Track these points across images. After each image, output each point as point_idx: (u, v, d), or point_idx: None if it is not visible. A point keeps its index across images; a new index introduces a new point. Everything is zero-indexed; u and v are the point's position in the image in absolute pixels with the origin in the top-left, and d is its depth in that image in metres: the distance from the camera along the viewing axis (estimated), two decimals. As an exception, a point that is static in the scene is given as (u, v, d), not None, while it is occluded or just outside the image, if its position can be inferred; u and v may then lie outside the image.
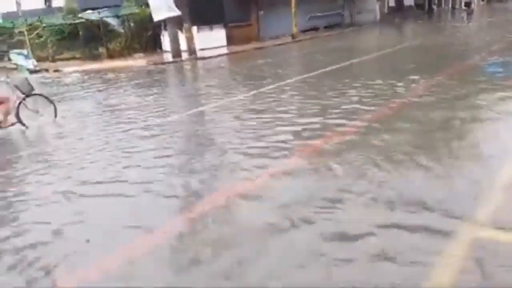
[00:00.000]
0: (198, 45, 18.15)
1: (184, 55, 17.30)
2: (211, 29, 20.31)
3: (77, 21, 20.57)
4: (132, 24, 20.31)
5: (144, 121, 7.01)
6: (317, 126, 5.75)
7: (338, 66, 11.37)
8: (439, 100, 6.52)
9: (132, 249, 3.02)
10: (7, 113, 6.92)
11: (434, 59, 11.52)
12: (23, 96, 7.21)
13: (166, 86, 11.93)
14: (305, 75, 10.40)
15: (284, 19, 22.99)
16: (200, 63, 16.19)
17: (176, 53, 17.07)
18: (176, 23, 17.07)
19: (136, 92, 10.32)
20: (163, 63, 16.71)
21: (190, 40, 17.45)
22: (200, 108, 7.88)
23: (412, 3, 38.96)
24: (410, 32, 22.78)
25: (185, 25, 17.25)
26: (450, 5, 44.51)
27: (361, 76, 9.26)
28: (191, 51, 17.43)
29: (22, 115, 7.12)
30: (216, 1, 20.25)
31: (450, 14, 36.97)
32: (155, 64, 16.50)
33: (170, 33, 17.22)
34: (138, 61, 17.45)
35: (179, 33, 17.46)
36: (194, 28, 18.36)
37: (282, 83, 9.54)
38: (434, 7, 40.27)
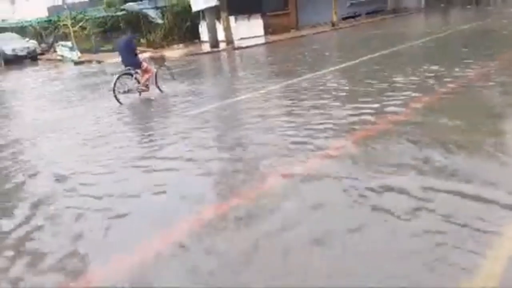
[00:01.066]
0: (235, 35, 18.01)
1: (222, 45, 17.23)
2: (249, 18, 20.08)
3: (118, 13, 20.99)
4: (170, 15, 20.46)
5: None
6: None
7: (385, 51, 10.86)
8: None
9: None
10: (150, 81, 8.80)
11: (486, 46, 10.74)
12: (157, 67, 9.08)
13: (202, 77, 11.85)
14: (344, 65, 10.01)
15: (324, 6, 22.36)
16: (237, 52, 16.06)
17: (214, 43, 17.04)
18: (214, 13, 17.01)
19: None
20: (201, 53, 16.74)
21: (227, 30, 17.34)
22: (248, 95, 7.74)
23: (460, -13, 36.75)
24: (458, 18, 21.47)
25: (223, 15, 17.15)
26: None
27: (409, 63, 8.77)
28: (229, 41, 17.33)
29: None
30: (253, -11, 19.98)
31: (501, 0, 34.61)
32: (193, 54, 16.55)
33: (208, 23, 17.19)
34: (177, 52, 17.57)
35: (217, 23, 17.41)
36: (232, 18, 18.21)
37: (319, 73, 9.23)
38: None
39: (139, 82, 8.52)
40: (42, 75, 16.10)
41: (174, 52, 17.41)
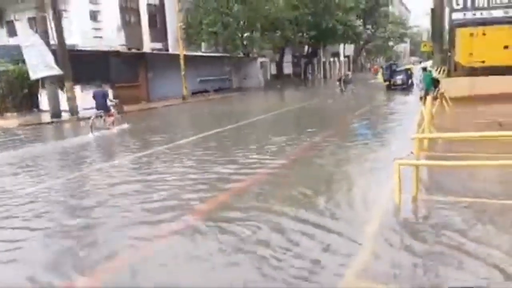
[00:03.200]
0: (81, 105, 17.23)
1: (66, 115, 16.20)
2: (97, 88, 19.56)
3: None
4: (4, 82, 18.48)
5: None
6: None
7: (227, 127, 11.81)
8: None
9: None
10: None
11: (313, 121, 12.77)
12: None
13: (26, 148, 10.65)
14: (186, 139, 10.51)
15: (175, 81, 23.47)
16: (82, 123, 15.27)
17: (56, 113, 15.90)
18: (56, 81, 16.08)
19: None
20: (38, 124, 15.35)
21: (72, 99, 16.49)
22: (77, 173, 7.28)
23: (291, 72, 43.39)
24: (291, 98, 25.03)
25: (67, 84, 16.35)
26: (322, 75, 50.72)
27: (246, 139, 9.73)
28: (73, 111, 16.43)
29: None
30: (103, 61, 19.82)
31: (323, 82, 42.11)
32: (30, 124, 15.05)
33: (49, 92, 16.10)
34: (9, 121, 15.76)
35: (60, 92, 16.44)
36: (78, 87, 17.49)
37: (159, 148, 9.48)
38: (309, 75, 45.38)
39: None
40: None
41: (7, 122, 15.58)
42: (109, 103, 11.91)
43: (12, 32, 20.62)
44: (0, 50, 19.68)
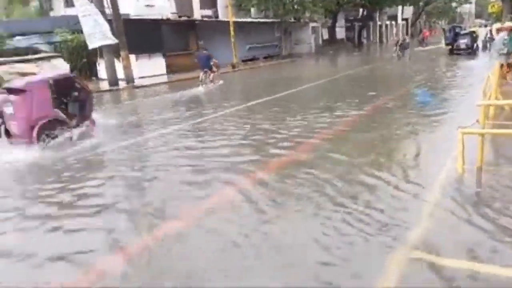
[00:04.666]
0: (136, 73, 17.78)
1: (122, 84, 16.82)
2: (150, 57, 20.05)
3: (4, 47, 19.27)
4: (65, 52, 19.42)
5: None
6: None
7: (284, 93, 11.67)
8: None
9: None
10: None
11: (371, 87, 12.24)
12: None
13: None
14: (240, 106, 10.53)
15: (224, 49, 23.36)
16: (137, 91, 15.81)
17: (113, 81, 16.56)
18: (113, 51, 16.64)
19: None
20: (99, 92, 16.08)
21: (127, 68, 17.05)
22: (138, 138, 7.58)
23: (344, 37, 41.64)
24: (345, 64, 24.14)
25: (123, 53, 16.88)
26: (377, 39, 48.19)
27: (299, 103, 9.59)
28: (129, 79, 17.02)
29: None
30: (155, 30, 20.14)
31: (378, 47, 39.97)
32: (90, 92, 15.80)
33: (107, 61, 16.72)
34: (71, 89, 16.62)
35: (116, 61, 17.02)
36: (133, 56, 18.00)
37: (218, 113, 9.57)
38: (364, 40, 43.29)
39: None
40: None
41: (69, 90, 16.44)
42: (211, 63, 14.86)
43: (69, 3, 21.34)
44: (59, 20, 20.58)
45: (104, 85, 17.05)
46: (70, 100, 7.44)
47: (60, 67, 8.63)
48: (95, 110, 8.66)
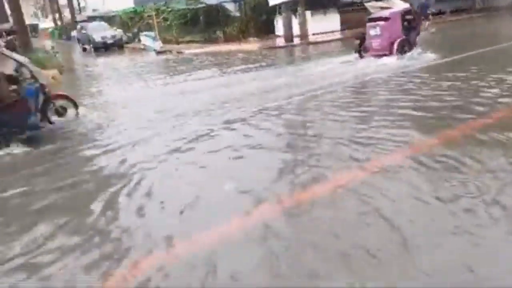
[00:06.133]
0: (311, 29, 17.92)
1: (296, 40, 17.24)
2: (325, 13, 19.82)
3: (199, 5, 21.82)
4: (248, 9, 20.84)
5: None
6: None
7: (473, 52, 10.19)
8: None
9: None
10: None
11: None
12: None
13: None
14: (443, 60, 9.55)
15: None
16: (311, 48, 15.98)
17: (289, 37, 17.11)
18: (290, 7, 17.05)
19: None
20: (276, 47, 16.88)
21: (303, 24, 17.31)
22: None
23: None
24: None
25: (299, 10, 17.15)
26: None
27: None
28: (303, 36, 17.30)
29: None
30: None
31: None
32: (269, 48, 16.74)
33: (284, 17, 17.27)
34: (252, 45, 17.91)
35: (293, 18, 17.43)
36: (308, 13, 18.12)
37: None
38: None
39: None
40: (135, 60, 17.26)
41: (251, 46, 17.76)
42: (428, 11, 14.68)
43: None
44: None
45: (280, 42, 17.77)
46: (404, 29, 10.14)
47: (399, 4, 11.06)
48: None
